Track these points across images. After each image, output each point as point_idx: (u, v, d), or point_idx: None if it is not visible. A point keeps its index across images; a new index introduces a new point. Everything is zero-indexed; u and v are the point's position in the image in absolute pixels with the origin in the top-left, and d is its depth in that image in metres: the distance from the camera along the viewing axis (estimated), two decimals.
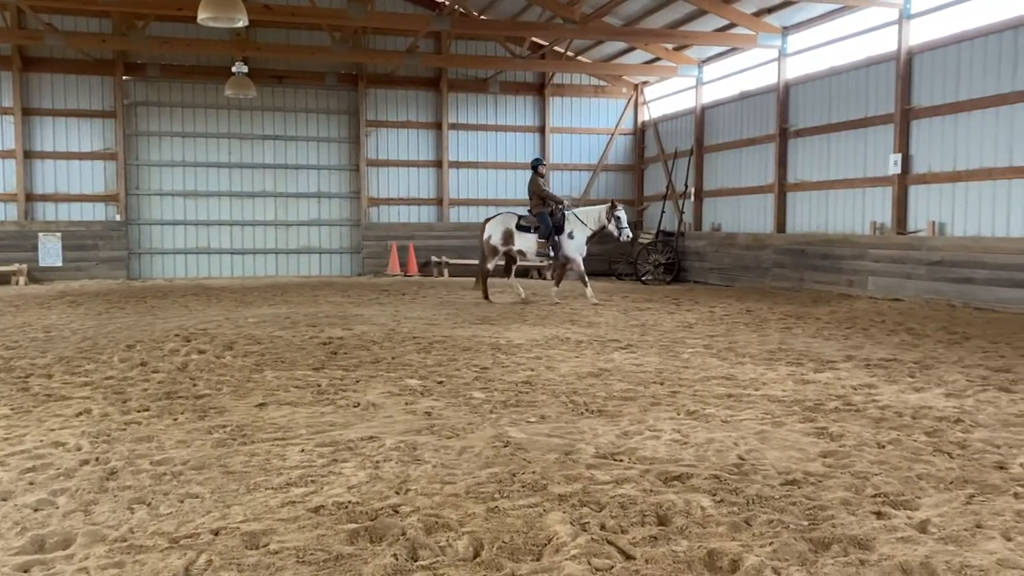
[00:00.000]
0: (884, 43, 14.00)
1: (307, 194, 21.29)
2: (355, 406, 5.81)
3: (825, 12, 15.15)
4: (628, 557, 3.15)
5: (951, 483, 4.04)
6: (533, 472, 4.16)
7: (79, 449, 4.63)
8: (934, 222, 13.07)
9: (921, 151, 13.34)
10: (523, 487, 3.93)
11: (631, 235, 13.62)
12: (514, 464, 4.32)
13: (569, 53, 20.82)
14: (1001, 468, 4.30)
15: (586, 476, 4.10)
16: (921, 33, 13.30)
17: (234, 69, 18.40)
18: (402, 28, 19.33)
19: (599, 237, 13.91)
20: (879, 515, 3.61)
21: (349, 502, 3.67)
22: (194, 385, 6.54)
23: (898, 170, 13.62)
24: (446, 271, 20.74)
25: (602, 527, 3.42)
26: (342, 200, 21.57)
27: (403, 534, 3.29)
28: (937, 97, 12.93)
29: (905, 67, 13.46)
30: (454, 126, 21.80)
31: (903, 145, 13.59)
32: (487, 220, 14.25)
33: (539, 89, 22.24)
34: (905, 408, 5.70)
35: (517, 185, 22.29)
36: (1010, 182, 11.72)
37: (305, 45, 19.74)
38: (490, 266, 14.03)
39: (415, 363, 7.64)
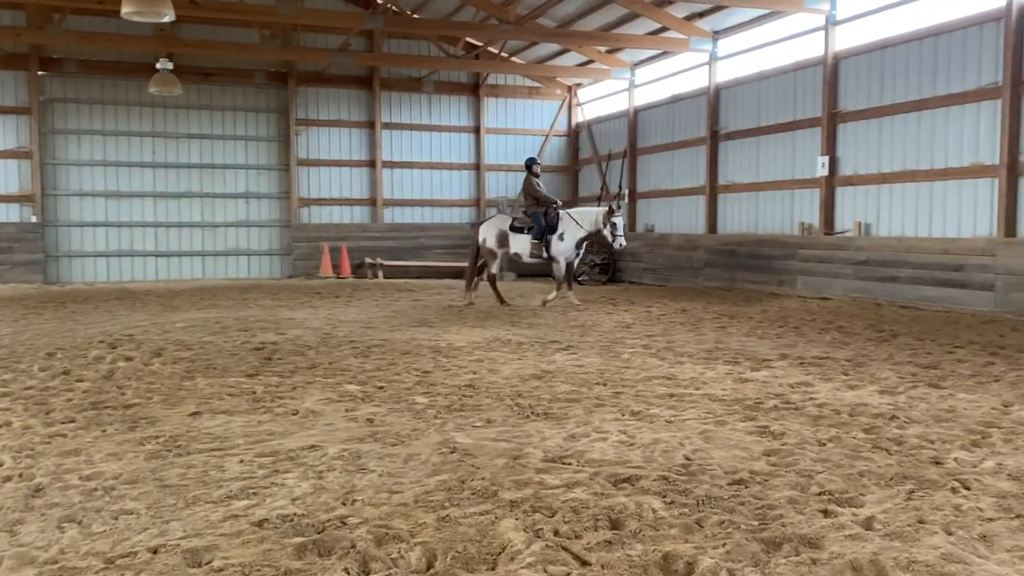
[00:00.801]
0: (811, 48, 14.38)
1: (235, 194, 20.76)
2: (293, 414, 5.65)
3: (754, 17, 15.48)
4: (584, 563, 3.12)
5: (891, 479, 4.13)
6: (482, 478, 4.09)
7: (0, 465, 4.38)
8: (860, 222, 13.47)
9: (847, 154, 13.74)
10: (473, 494, 3.86)
11: (625, 244, 13.25)
12: (462, 470, 4.24)
13: (503, 54, 20.82)
14: (937, 463, 4.42)
15: (536, 481, 4.06)
16: (847, 39, 13.69)
17: (158, 65, 17.81)
18: (333, 26, 19.02)
19: (594, 240, 13.51)
20: (826, 513, 3.65)
21: (294, 514, 3.55)
22: (122, 394, 6.27)
23: (825, 172, 14.00)
24: (380, 273, 20.49)
25: (556, 533, 3.38)
26: (272, 201, 21.11)
27: (353, 547, 3.18)
28: (863, 101, 13.34)
29: (832, 72, 13.84)
30: (387, 125, 21.56)
31: (830, 148, 13.97)
32: (481, 222, 13.99)
33: (474, 89, 22.18)
34: (842, 405, 5.83)
35: (452, 185, 22.21)
36: (932, 184, 12.16)
37: (233, 42, 19.23)
38: (494, 270, 13.66)
39: (353, 368, 7.49)
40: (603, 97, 21.68)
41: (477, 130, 22.23)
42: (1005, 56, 10.82)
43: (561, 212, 13.26)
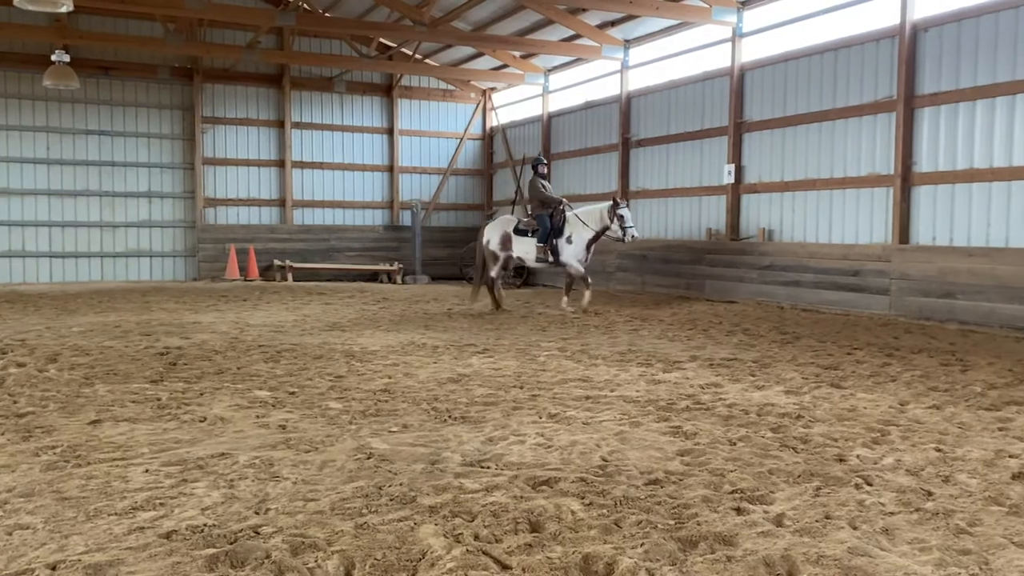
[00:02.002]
0: (719, 59, 14.81)
1: (136, 193, 19.94)
2: (201, 421, 5.45)
3: (664, 27, 15.84)
4: (505, 567, 3.10)
5: (799, 477, 4.27)
6: (400, 484, 4.03)
7: None
8: (764, 229, 13.94)
9: (752, 162, 14.20)
10: (391, 500, 3.80)
11: (636, 235, 12.51)
12: (380, 476, 4.17)
13: (417, 56, 20.69)
14: (841, 460, 4.59)
15: (455, 485, 4.02)
16: (752, 51, 14.16)
17: (54, 58, 16.92)
18: (242, 22, 18.49)
19: (602, 237, 12.68)
20: (739, 511, 3.75)
21: (204, 525, 3.41)
22: (14, 402, 5.92)
23: (732, 180, 14.44)
24: (290, 275, 20.04)
25: (476, 537, 3.36)
26: (175, 200, 20.37)
27: (268, 557, 3.08)
28: (767, 112, 13.81)
29: (738, 82, 14.29)
30: (298, 125, 21.13)
31: (736, 156, 14.42)
32: (486, 224, 13.46)
33: (387, 90, 21.96)
34: (750, 406, 6.00)
35: (365, 187, 21.93)
36: (831, 192, 12.68)
37: (135, 35, 18.52)
38: (493, 273, 13.00)
39: (263, 373, 7.29)
40: (518, 102, 21.80)
41: (391, 131, 22.02)
42: (899, 71, 11.39)
43: (568, 214, 12.66)
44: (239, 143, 20.77)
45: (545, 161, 13.38)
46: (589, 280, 12.68)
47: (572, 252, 12.51)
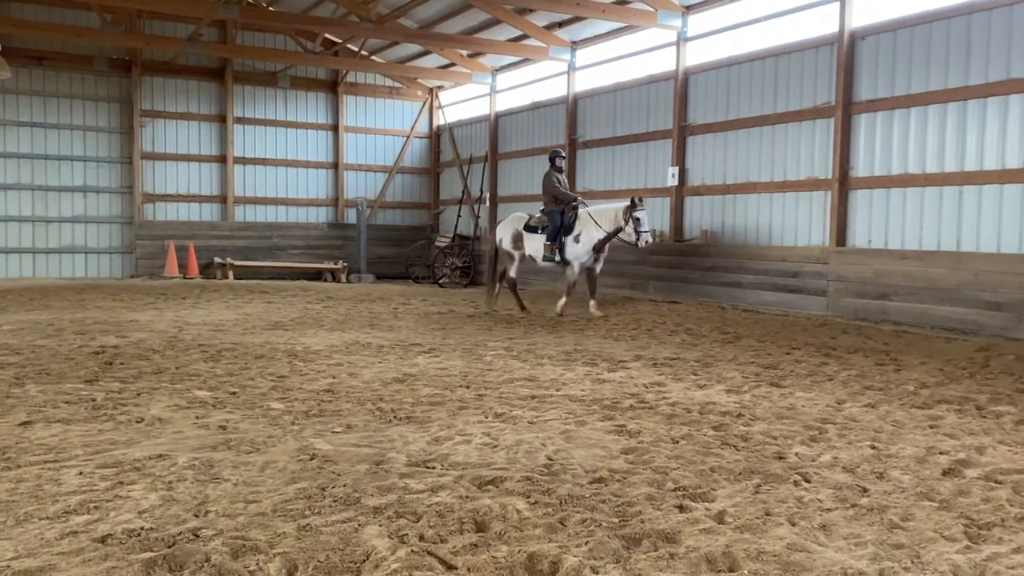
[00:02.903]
0: (664, 63, 14.99)
1: (71, 188, 19.35)
2: (138, 421, 5.32)
3: (611, 30, 15.98)
4: (450, 567, 3.09)
5: (740, 474, 4.34)
6: (344, 485, 3.98)
7: None
8: (707, 230, 14.16)
9: (696, 165, 14.42)
10: (335, 501, 3.75)
11: (650, 240, 11.74)
12: (323, 478, 4.12)
13: (364, 52, 20.50)
14: (780, 458, 4.69)
15: (400, 486, 3.99)
16: (697, 55, 14.37)
17: None
18: (183, 14, 18.08)
19: (617, 239, 11.95)
20: (681, 508, 3.80)
21: (141, 528, 3.32)
22: None
23: (675, 182, 14.63)
24: (231, 273, 19.67)
25: (421, 538, 3.34)
26: (112, 195, 19.82)
27: (207, 560, 3.02)
28: (710, 115, 14.04)
29: (682, 86, 14.49)
30: (240, 120, 20.75)
31: (680, 159, 14.62)
32: (500, 222, 13.03)
33: (332, 86, 21.71)
34: (692, 404, 6.09)
35: (309, 184, 21.65)
36: (772, 195, 12.95)
37: (71, 25, 17.95)
38: (512, 273, 12.55)
39: (203, 373, 7.14)
40: (465, 100, 21.76)
41: (336, 128, 21.77)
42: (838, 78, 11.69)
43: (580, 211, 12.00)
44: (179, 137, 20.31)
45: (564, 154, 12.61)
46: (573, 288, 12.12)
47: (575, 252, 11.90)
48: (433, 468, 4.34)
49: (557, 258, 11.97)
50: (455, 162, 21.74)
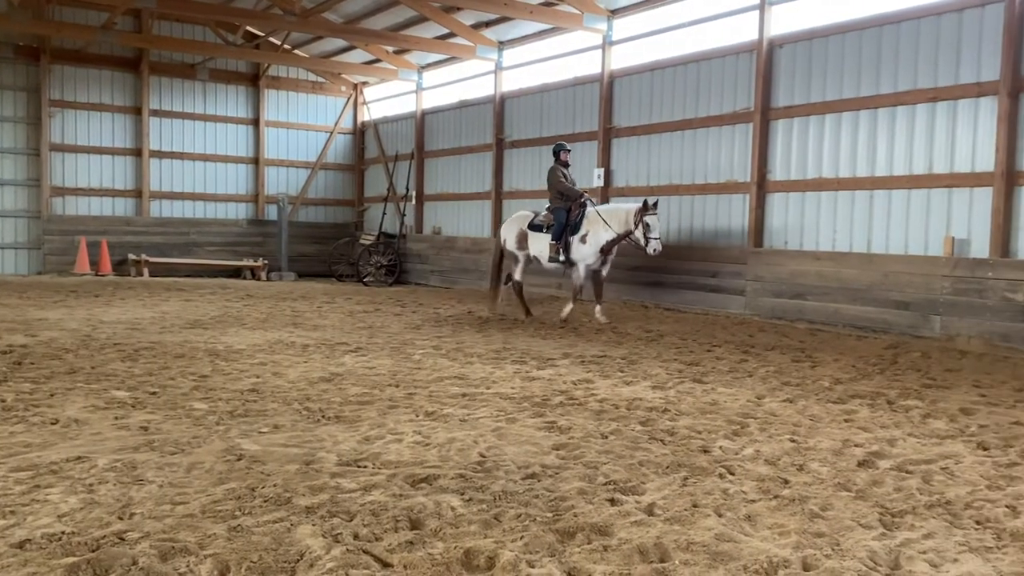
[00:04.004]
0: (590, 65, 15.18)
1: None
2: (53, 423, 5.11)
3: (538, 31, 16.08)
4: (386, 565, 3.08)
5: (668, 468, 4.45)
6: (274, 485, 3.92)
7: None
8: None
9: (621, 167, 14.65)
10: (266, 502, 3.69)
11: (660, 249, 10.82)
12: (252, 478, 4.04)
13: (286, 46, 20.11)
14: (705, 451, 4.82)
15: (332, 485, 3.96)
16: (622, 59, 14.60)
17: None
18: (97, 1, 17.40)
19: (626, 243, 11.17)
20: (613, 502, 3.87)
21: (63, 533, 3.20)
22: None
23: (601, 183, 14.83)
24: (146, 270, 19.03)
25: (356, 536, 3.32)
26: (18, 188, 18.91)
27: (134, 563, 2.93)
28: (634, 118, 14.28)
29: (607, 89, 14.70)
30: (156, 112, 20.09)
31: (605, 160, 14.83)
32: (504, 221, 12.37)
33: (253, 80, 21.23)
34: (620, 400, 6.20)
35: (229, 179, 21.12)
36: (693, 197, 13.26)
37: None
38: (517, 276, 11.87)
39: (121, 373, 6.91)
40: (390, 97, 21.57)
41: (256, 122, 21.29)
42: (757, 84, 12.05)
43: (589, 210, 11.25)
44: (91, 129, 19.54)
45: (568, 147, 11.82)
46: (579, 295, 11.44)
47: (582, 253, 11.16)
48: (365, 467, 4.31)
49: (562, 258, 11.32)
50: (380, 159, 21.54)
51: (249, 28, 19.32)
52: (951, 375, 7.64)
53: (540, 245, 11.53)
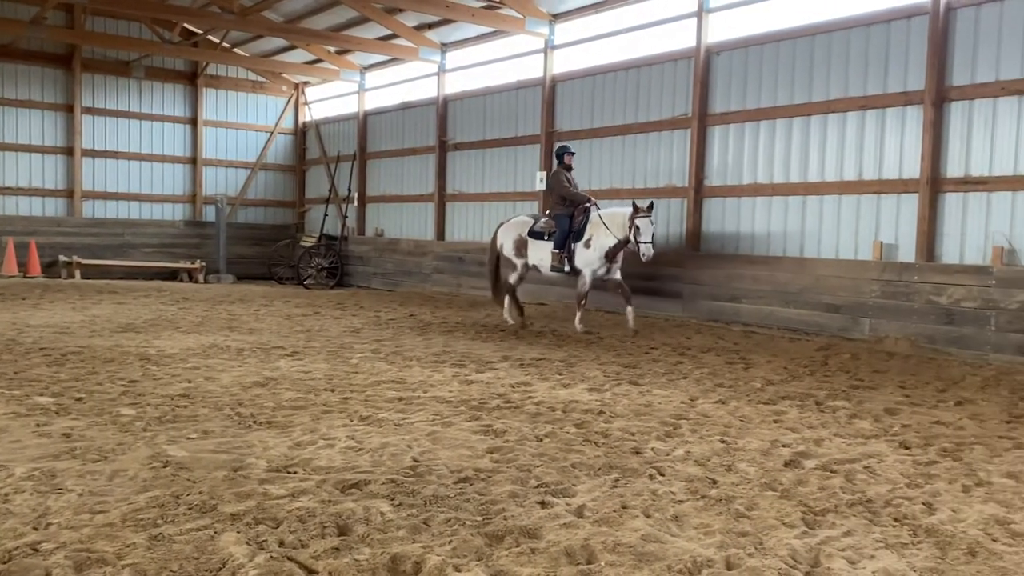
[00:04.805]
0: (533, 69, 15.25)
1: None
2: None
3: (481, 34, 16.10)
4: (310, 572, 3.05)
5: (599, 469, 4.49)
6: (200, 492, 3.84)
7: None
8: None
9: None
10: (190, 509, 3.61)
11: (651, 254, 10.20)
12: (177, 485, 3.96)
13: (225, 44, 19.76)
14: (637, 453, 4.88)
15: (260, 492, 3.89)
16: (563, 63, 14.70)
17: None
18: None
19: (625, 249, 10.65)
20: (543, 504, 3.89)
21: None
22: None
23: (544, 186, 14.90)
24: (78, 272, 18.48)
25: (281, 543, 3.27)
26: None
27: (48, 575, 2.84)
28: (576, 122, 14.39)
29: (550, 93, 14.79)
30: (89, 110, 19.55)
31: (548, 164, 14.90)
32: (500, 225, 11.85)
33: (191, 78, 20.80)
34: (557, 403, 6.24)
35: (165, 179, 20.66)
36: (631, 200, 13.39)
37: None
38: (512, 280, 11.34)
39: (45, 378, 6.70)
40: (332, 98, 21.36)
41: (194, 121, 20.87)
42: (694, 91, 12.25)
43: (592, 214, 10.78)
44: (19, 126, 18.92)
45: (572, 150, 11.36)
46: (584, 301, 10.84)
47: (587, 258, 10.67)
48: (295, 473, 4.25)
49: (566, 267, 10.82)
50: (322, 160, 21.31)
51: (186, 26, 18.93)
52: (878, 376, 7.86)
53: (541, 253, 11.05)
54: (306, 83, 21.93)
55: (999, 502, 4.15)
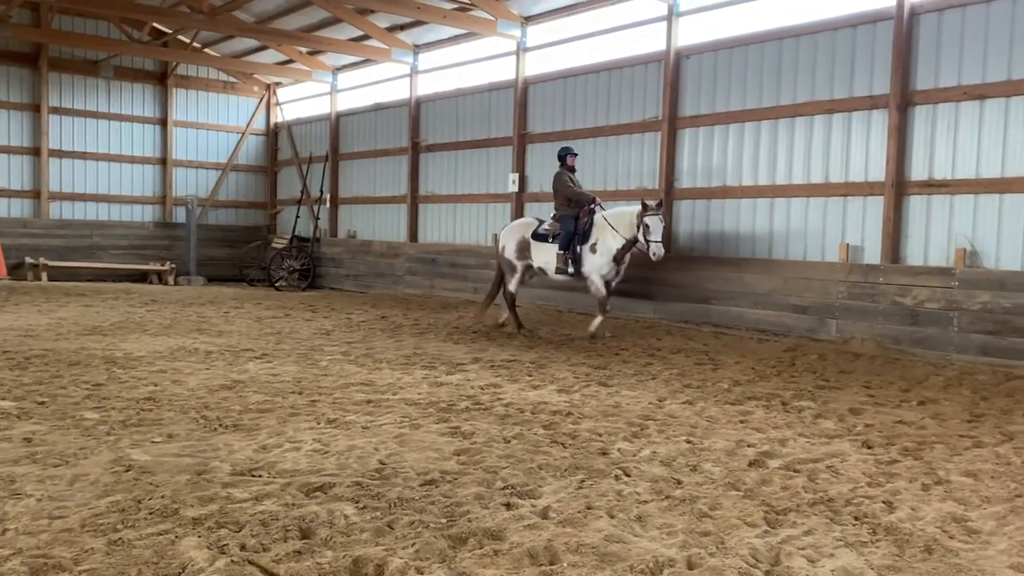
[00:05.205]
0: (505, 71, 15.26)
1: None
2: None
3: (453, 36, 16.08)
4: (271, 575, 3.03)
5: (566, 471, 4.51)
6: (162, 496, 3.81)
7: None
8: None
9: (535, 172, 14.77)
10: (151, 514, 3.58)
11: (661, 253, 9.98)
12: (139, 490, 3.92)
13: (196, 44, 19.57)
14: (604, 454, 4.91)
15: (223, 495, 3.87)
16: (536, 65, 14.72)
17: None
18: None
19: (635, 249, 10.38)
20: (508, 506, 3.90)
21: None
22: None
23: (516, 188, 14.93)
24: (44, 274, 18.20)
25: (242, 547, 3.25)
26: None
27: None
28: (548, 125, 14.42)
29: (522, 95, 14.81)
30: (57, 110, 19.26)
31: (520, 166, 14.93)
32: (504, 227, 11.67)
33: (161, 78, 20.58)
34: (526, 404, 6.25)
35: (135, 180, 20.42)
36: (605, 203, 13.44)
37: None
38: (512, 286, 11.13)
39: (7, 381, 6.61)
40: (304, 99, 21.23)
41: (164, 122, 20.64)
42: (665, 94, 12.33)
43: (597, 216, 10.54)
44: None
45: (575, 151, 11.17)
46: (607, 305, 10.61)
47: (594, 264, 10.41)
48: (259, 476, 4.23)
49: (572, 271, 10.56)
50: (294, 161, 21.17)
51: (156, 25, 18.74)
52: (844, 376, 7.97)
53: (546, 256, 10.80)
54: (278, 84, 21.78)
55: (957, 500, 4.22)
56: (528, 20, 14.60)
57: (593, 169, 13.61)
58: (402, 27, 16.40)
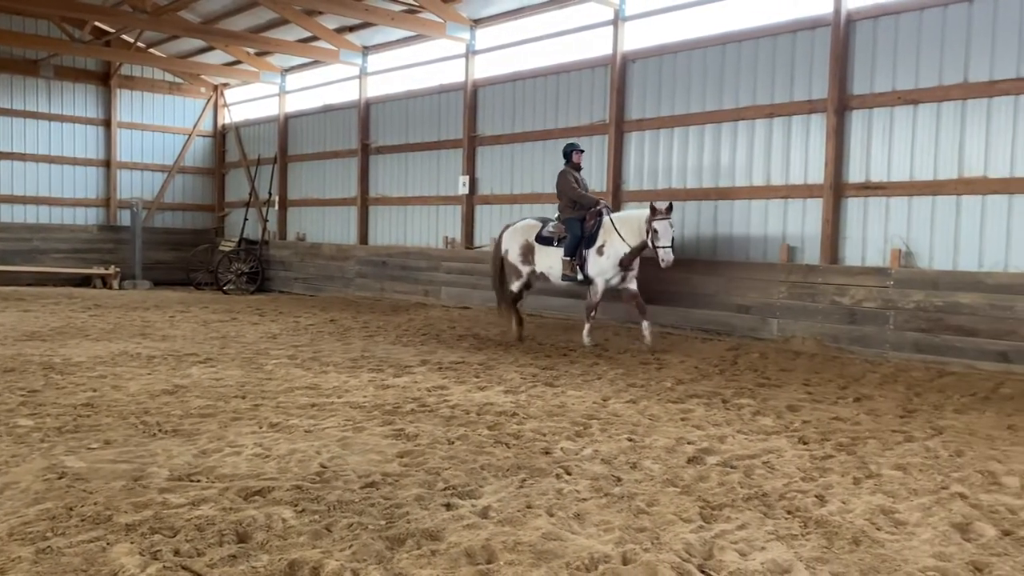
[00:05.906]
0: (455, 73, 15.27)
1: None
2: None
3: (402, 38, 16.03)
4: None
5: (508, 470, 4.55)
6: (95, 503, 3.76)
7: None
8: (495, 239, 14.55)
9: (485, 174, 14.81)
10: (83, 521, 3.53)
11: (670, 259, 9.50)
12: (71, 497, 3.86)
13: (140, 44, 19.20)
14: (547, 453, 4.96)
15: (158, 501, 3.83)
16: (485, 68, 14.76)
17: None
18: None
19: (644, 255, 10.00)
20: (448, 507, 3.92)
21: None
22: None
23: (466, 191, 14.94)
24: None
25: (176, 553, 3.23)
26: None
27: None
28: (498, 127, 14.48)
29: (472, 97, 14.84)
30: None
31: (471, 168, 14.95)
32: (505, 228, 11.10)
33: (104, 79, 20.14)
34: (472, 406, 6.28)
35: (76, 182, 19.96)
36: (554, 206, 13.52)
37: None
38: (514, 288, 10.67)
39: None
40: (253, 100, 20.97)
41: (108, 123, 20.21)
42: (611, 98, 12.47)
43: (604, 218, 10.06)
44: None
45: (581, 148, 10.59)
46: (594, 313, 10.22)
47: (600, 267, 9.96)
48: (197, 481, 4.19)
49: (579, 276, 10.11)
50: (242, 163, 20.90)
51: (98, 24, 18.35)
52: (784, 374, 8.14)
53: (550, 260, 10.34)
54: (225, 85, 21.49)
55: (886, 493, 4.36)
56: (477, 23, 14.63)
57: (543, 171, 13.69)
58: (351, 28, 16.31)
